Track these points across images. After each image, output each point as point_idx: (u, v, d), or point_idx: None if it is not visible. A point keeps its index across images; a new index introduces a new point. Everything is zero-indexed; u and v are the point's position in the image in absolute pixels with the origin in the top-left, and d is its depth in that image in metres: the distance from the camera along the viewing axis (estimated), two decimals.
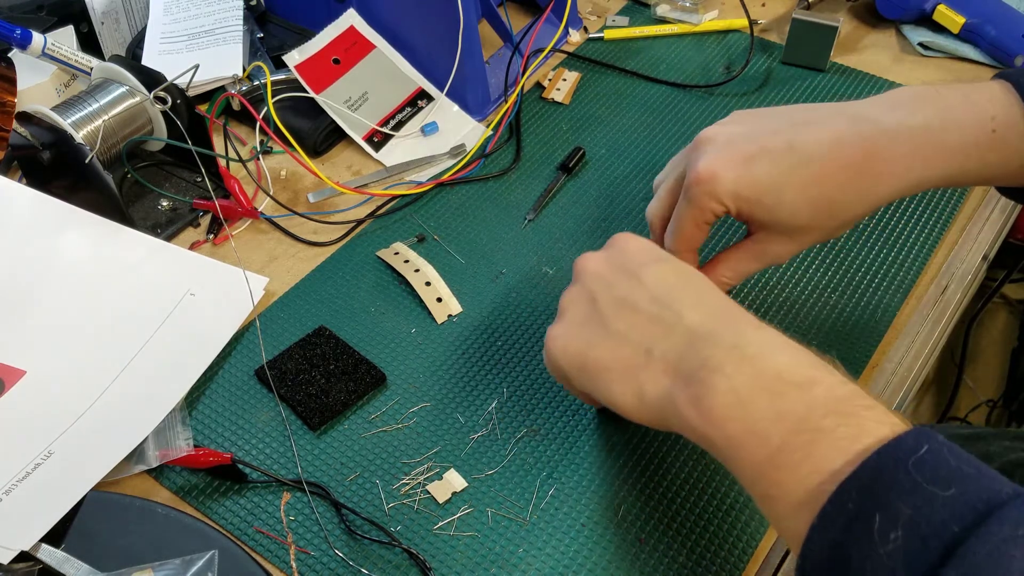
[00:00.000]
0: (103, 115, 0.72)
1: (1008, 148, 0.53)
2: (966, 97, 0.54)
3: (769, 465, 0.41)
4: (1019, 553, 0.34)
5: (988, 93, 0.54)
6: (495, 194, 0.78)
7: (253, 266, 0.71)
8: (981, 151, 0.53)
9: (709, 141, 0.55)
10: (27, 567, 0.51)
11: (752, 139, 0.54)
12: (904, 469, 0.37)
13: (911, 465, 0.37)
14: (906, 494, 0.36)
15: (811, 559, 0.39)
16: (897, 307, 0.68)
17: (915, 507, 0.36)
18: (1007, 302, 1.30)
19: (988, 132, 0.53)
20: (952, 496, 0.36)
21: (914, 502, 0.36)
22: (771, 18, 0.98)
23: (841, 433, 0.40)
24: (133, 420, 0.58)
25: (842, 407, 0.41)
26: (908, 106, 0.54)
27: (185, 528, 0.53)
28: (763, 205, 0.54)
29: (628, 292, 0.51)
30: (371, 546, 0.54)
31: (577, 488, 0.57)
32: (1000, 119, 0.53)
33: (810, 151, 0.53)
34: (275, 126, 0.77)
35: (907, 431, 0.39)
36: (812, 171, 0.53)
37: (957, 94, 0.54)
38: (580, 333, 0.51)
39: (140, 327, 0.65)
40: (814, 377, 0.43)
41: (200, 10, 0.87)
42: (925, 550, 0.35)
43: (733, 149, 0.54)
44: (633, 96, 0.88)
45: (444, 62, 0.83)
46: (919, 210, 0.76)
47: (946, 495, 0.36)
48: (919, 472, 0.37)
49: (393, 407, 0.62)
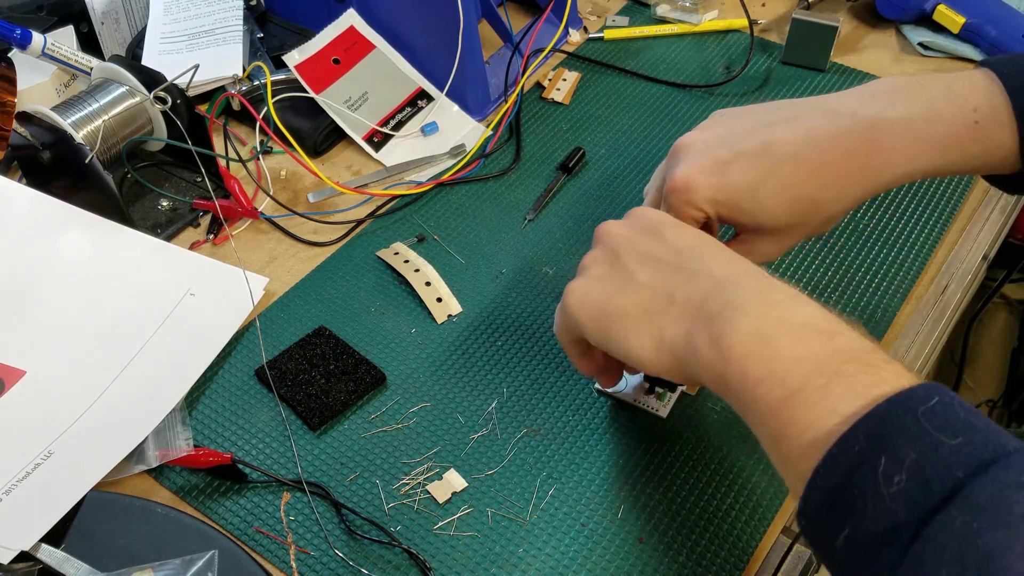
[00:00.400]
0: (103, 115, 0.72)
1: (991, 139, 0.53)
2: (948, 88, 0.53)
3: (784, 404, 0.41)
4: (1021, 498, 0.34)
5: (971, 83, 0.53)
6: (495, 194, 0.78)
7: (253, 266, 0.71)
8: (964, 142, 0.53)
9: (685, 148, 0.56)
10: (27, 567, 0.51)
11: (727, 143, 0.54)
12: (913, 416, 0.37)
13: (920, 414, 0.37)
14: (913, 440, 0.36)
15: (813, 501, 0.39)
16: (897, 307, 0.68)
17: (921, 452, 0.36)
18: (1007, 302, 1.30)
19: (971, 123, 0.53)
20: (958, 444, 0.36)
21: (920, 448, 0.36)
22: (771, 18, 0.98)
23: (860, 379, 0.40)
24: (133, 420, 0.58)
25: (863, 357, 0.41)
26: (887, 97, 0.54)
27: (185, 528, 0.53)
28: (741, 209, 0.54)
29: (651, 247, 0.51)
30: (371, 546, 0.54)
31: (577, 488, 0.57)
32: (983, 110, 0.53)
33: (784, 151, 0.53)
34: (275, 126, 0.77)
35: (920, 383, 0.39)
36: (787, 171, 0.53)
37: (939, 84, 0.54)
38: (602, 285, 0.51)
39: (140, 327, 0.65)
40: (837, 328, 0.43)
41: (200, 10, 0.87)
42: (928, 493, 0.35)
43: (708, 156, 0.54)
44: (633, 96, 0.88)
45: (444, 62, 0.83)
46: (919, 210, 0.76)
47: (953, 443, 0.36)
48: (928, 420, 0.37)
49: (393, 407, 0.62)
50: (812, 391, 0.41)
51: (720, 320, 0.44)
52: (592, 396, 0.62)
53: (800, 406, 0.41)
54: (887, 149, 0.53)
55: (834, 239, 0.73)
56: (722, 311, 0.45)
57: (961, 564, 0.33)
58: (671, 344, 0.47)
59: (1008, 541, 0.33)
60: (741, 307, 0.44)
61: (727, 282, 0.47)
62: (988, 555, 0.33)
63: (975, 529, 0.34)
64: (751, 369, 0.43)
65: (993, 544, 0.33)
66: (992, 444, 0.36)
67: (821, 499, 0.39)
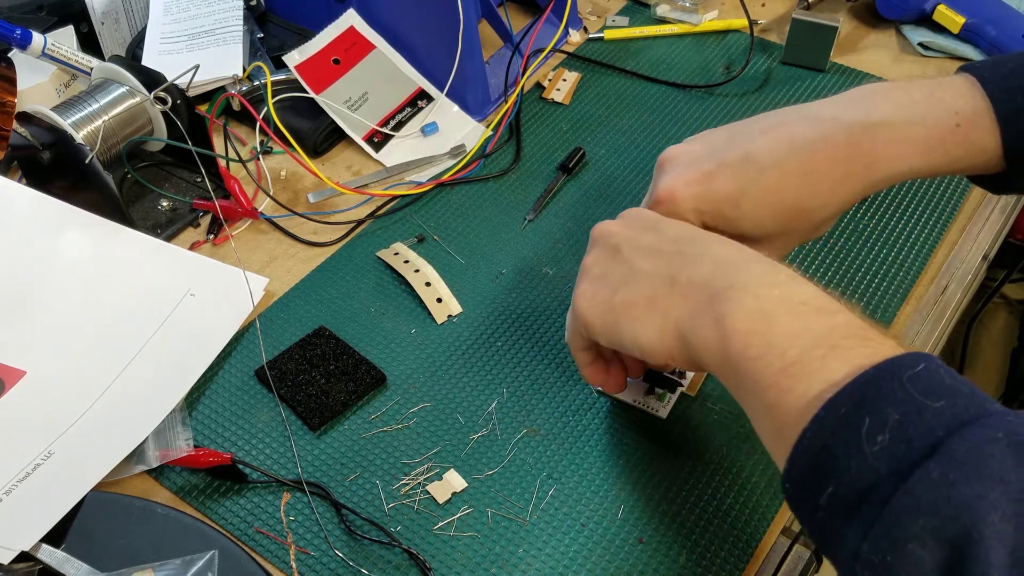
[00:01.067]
0: (103, 115, 0.72)
1: (973, 141, 0.53)
2: (930, 92, 0.54)
3: (782, 375, 0.42)
4: (998, 452, 0.35)
5: (952, 88, 0.54)
6: (495, 194, 0.78)
7: (253, 266, 0.71)
8: (946, 145, 0.53)
9: (670, 161, 0.56)
10: (27, 567, 0.51)
11: (711, 155, 0.55)
12: (899, 382, 0.38)
13: (906, 379, 0.38)
14: (898, 403, 0.37)
15: (799, 463, 0.40)
16: (897, 307, 0.68)
17: (904, 414, 0.37)
18: (1007, 302, 1.30)
19: (952, 126, 0.53)
20: (941, 407, 0.37)
21: (904, 410, 0.37)
22: (771, 18, 0.98)
23: (857, 352, 0.41)
24: (133, 420, 0.58)
25: (863, 333, 0.42)
26: (868, 102, 0.54)
27: (185, 528, 0.53)
28: (726, 218, 0.54)
29: (650, 240, 0.51)
30: (371, 546, 0.54)
31: (577, 488, 0.57)
32: (964, 113, 0.53)
33: (765, 159, 0.54)
34: (275, 126, 0.77)
35: (909, 352, 0.40)
36: (771, 179, 0.53)
37: (922, 89, 0.54)
38: (606, 282, 0.52)
39: (140, 327, 0.65)
40: (837, 307, 0.44)
41: (200, 10, 0.87)
42: (909, 450, 0.36)
43: (692, 167, 0.55)
44: (633, 96, 0.88)
45: (444, 62, 0.83)
46: (919, 210, 0.76)
47: (936, 406, 0.37)
48: (913, 385, 0.38)
49: (393, 407, 0.62)
50: (809, 362, 0.42)
51: (723, 300, 0.45)
52: (592, 396, 0.62)
53: (796, 377, 0.42)
54: (869, 153, 0.53)
55: (834, 239, 0.73)
56: (725, 291, 0.45)
57: (937, 515, 0.34)
58: (675, 326, 0.47)
59: (983, 491, 0.34)
60: (744, 288, 0.45)
61: (729, 264, 0.47)
62: (963, 505, 0.34)
63: (951, 480, 0.35)
64: (752, 345, 0.43)
65: (968, 495, 0.34)
66: (975, 407, 0.37)
67: (807, 461, 0.39)
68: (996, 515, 0.33)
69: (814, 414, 0.39)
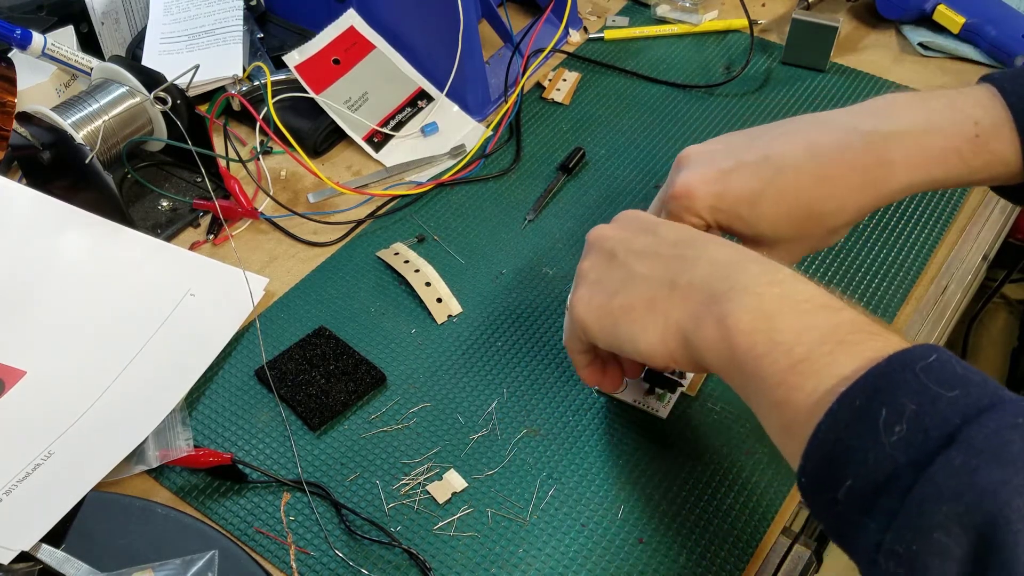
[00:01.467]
0: (103, 115, 0.72)
1: (992, 152, 0.53)
2: (951, 102, 0.54)
3: (790, 372, 0.42)
4: (1017, 438, 0.35)
5: (972, 98, 0.54)
6: (495, 194, 0.78)
7: (253, 266, 0.71)
8: (965, 155, 0.53)
9: (689, 158, 0.56)
10: (27, 567, 0.51)
11: (730, 154, 0.55)
12: (912, 372, 0.38)
13: (919, 369, 0.38)
14: (912, 393, 0.37)
15: (814, 457, 0.40)
16: (897, 307, 0.68)
17: (920, 404, 0.37)
18: (1007, 302, 1.30)
19: (971, 137, 0.53)
20: (956, 396, 0.37)
21: (919, 400, 0.37)
22: (771, 18, 0.98)
23: (866, 346, 0.41)
24: (133, 420, 0.58)
25: (869, 328, 0.42)
26: (888, 111, 0.55)
27: (185, 528, 0.53)
28: (741, 218, 0.54)
29: (647, 243, 0.51)
30: (371, 546, 0.54)
31: (577, 488, 0.57)
32: (984, 124, 0.53)
33: (784, 161, 0.54)
34: (275, 126, 0.77)
35: (917, 344, 0.40)
36: (788, 181, 0.54)
37: (942, 99, 0.54)
38: (603, 287, 0.52)
39: (140, 327, 0.65)
40: (842, 305, 0.44)
41: (200, 10, 0.87)
42: (927, 439, 0.36)
43: (710, 165, 0.55)
44: (633, 96, 0.88)
45: (444, 62, 0.83)
46: (919, 210, 0.76)
47: (950, 395, 0.37)
48: (926, 375, 0.38)
49: (393, 407, 0.62)
50: (817, 358, 0.42)
51: (724, 300, 0.45)
52: (592, 396, 0.62)
53: (806, 373, 0.42)
54: (888, 162, 0.53)
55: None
56: (726, 292, 0.46)
57: (960, 501, 0.34)
58: (677, 329, 0.47)
59: (1006, 477, 0.34)
60: (744, 287, 0.45)
61: (728, 265, 0.47)
62: (986, 491, 0.34)
63: (973, 466, 0.35)
64: (757, 343, 0.43)
65: (991, 480, 0.34)
66: (989, 395, 0.37)
67: (822, 455, 0.39)
68: (1020, 500, 0.33)
69: (827, 408, 0.39)
